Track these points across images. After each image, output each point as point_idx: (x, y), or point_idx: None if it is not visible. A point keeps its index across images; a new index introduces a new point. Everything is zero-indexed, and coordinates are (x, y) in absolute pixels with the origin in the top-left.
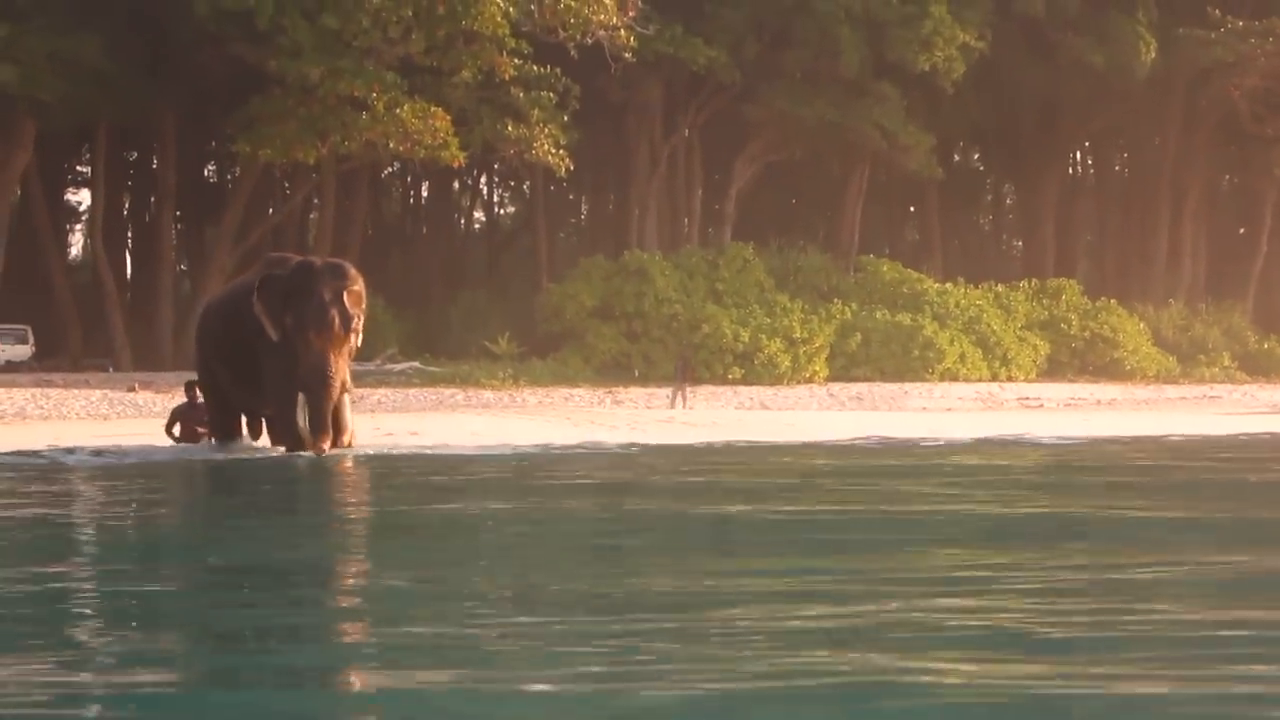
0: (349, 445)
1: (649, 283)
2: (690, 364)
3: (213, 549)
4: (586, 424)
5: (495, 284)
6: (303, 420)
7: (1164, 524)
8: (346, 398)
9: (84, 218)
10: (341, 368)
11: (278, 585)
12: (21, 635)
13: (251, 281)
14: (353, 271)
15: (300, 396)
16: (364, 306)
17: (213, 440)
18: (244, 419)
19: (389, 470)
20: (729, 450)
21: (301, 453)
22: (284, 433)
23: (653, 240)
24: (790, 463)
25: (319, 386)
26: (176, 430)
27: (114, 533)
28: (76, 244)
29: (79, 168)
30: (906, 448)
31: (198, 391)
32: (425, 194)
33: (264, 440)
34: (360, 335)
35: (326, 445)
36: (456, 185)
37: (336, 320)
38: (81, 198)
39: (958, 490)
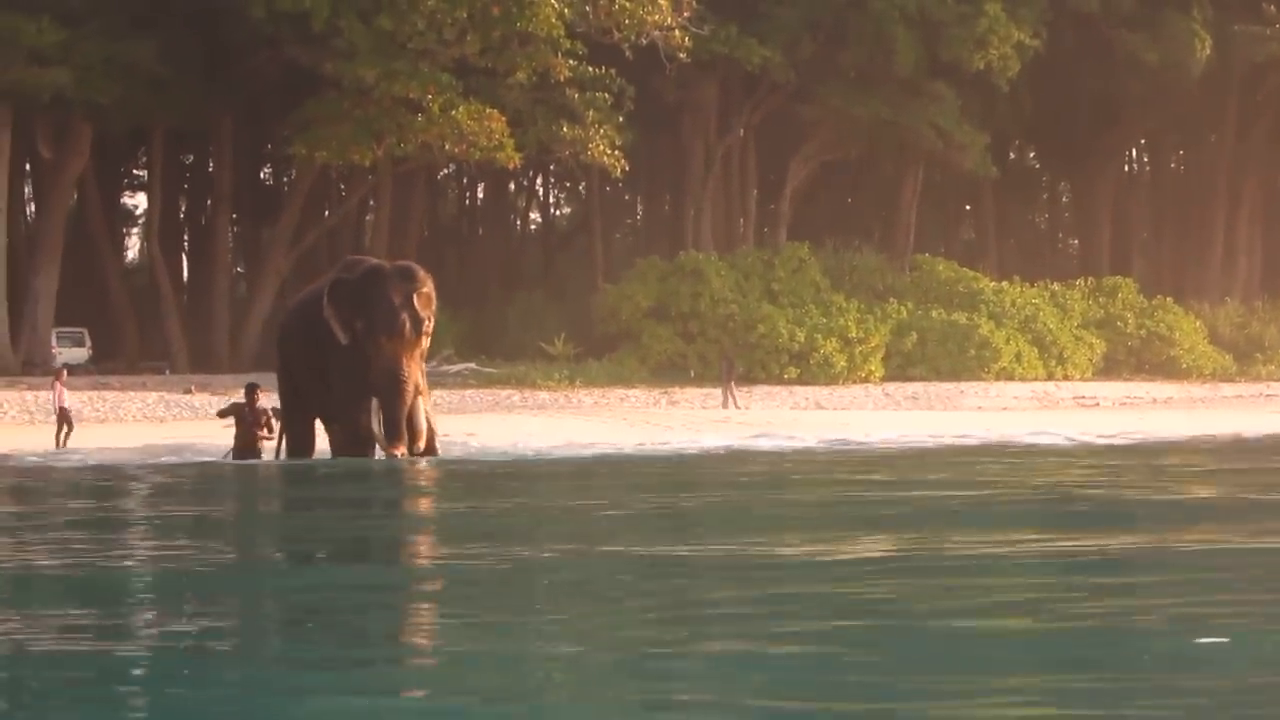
0: (429, 449)
1: (704, 283)
2: (734, 363)
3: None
4: (642, 424)
5: (551, 285)
6: (377, 425)
7: None
8: (421, 401)
9: (140, 221)
10: (414, 371)
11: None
12: None
13: (323, 287)
14: (422, 274)
15: (373, 401)
16: (434, 309)
17: (283, 445)
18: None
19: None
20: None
21: (364, 456)
22: (347, 437)
23: (708, 240)
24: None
25: (392, 391)
26: (229, 426)
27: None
28: (133, 247)
29: (135, 171)
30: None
31: (258, 395)
32: (481, 195)
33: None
34: (429, 338)
35: (402, 450)
36: (512, 186)
37: (407, 324)
38: (138, 201)
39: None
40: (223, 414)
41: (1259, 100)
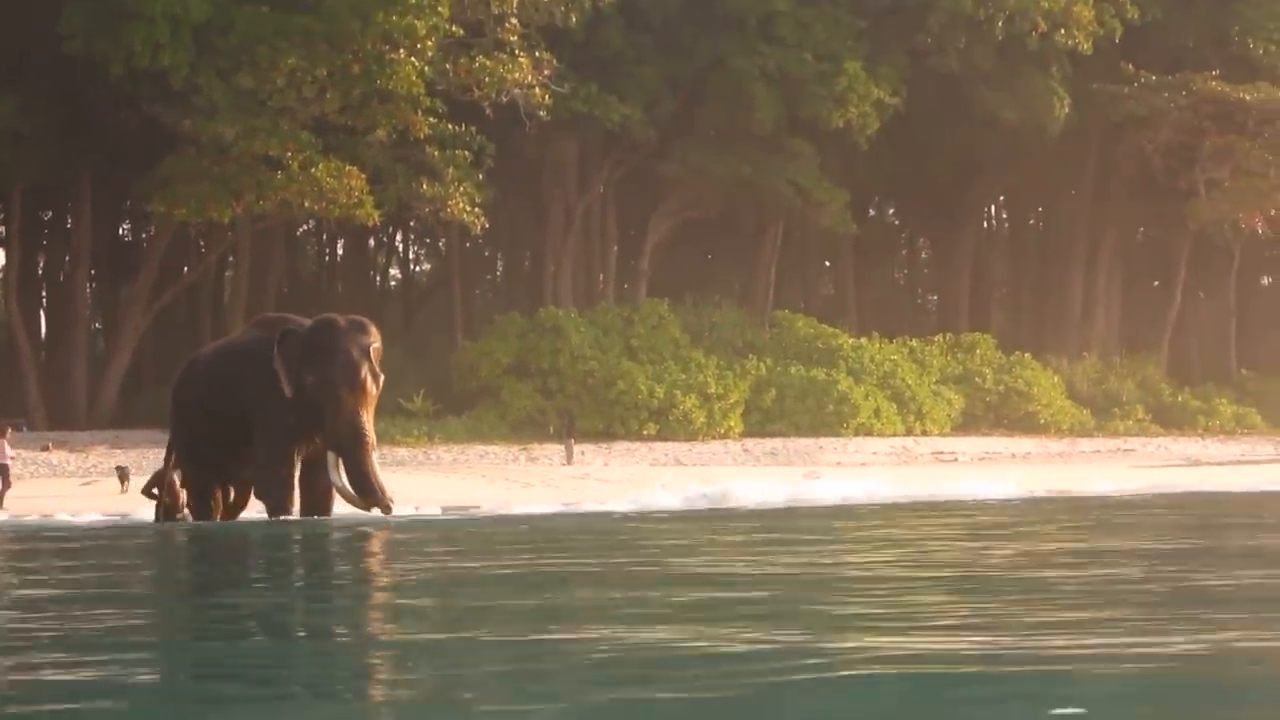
0: (390, 503)
1: (564, 339)
2: (574, 419)
3: None
4: (501, 481)
5: (411, 341)
6: (340, 480)
7: None
8: (374, 457)
9: None
10: (371, 424)
11: None
12: None
13: (243, 342)
14: (373, 328)
15: (332, 457)
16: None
17: (185, 503)
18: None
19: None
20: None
21: (287, 514)
22: (272, 491)
23: (568, 297)
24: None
25: (357, 446)
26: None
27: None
28: None
29: None
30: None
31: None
32: (340, 251)
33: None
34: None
35: (393, 501)
36: (372, 242)
37: (368, 377)
38: None
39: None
40: (149, 489)
41: (1117, 158)
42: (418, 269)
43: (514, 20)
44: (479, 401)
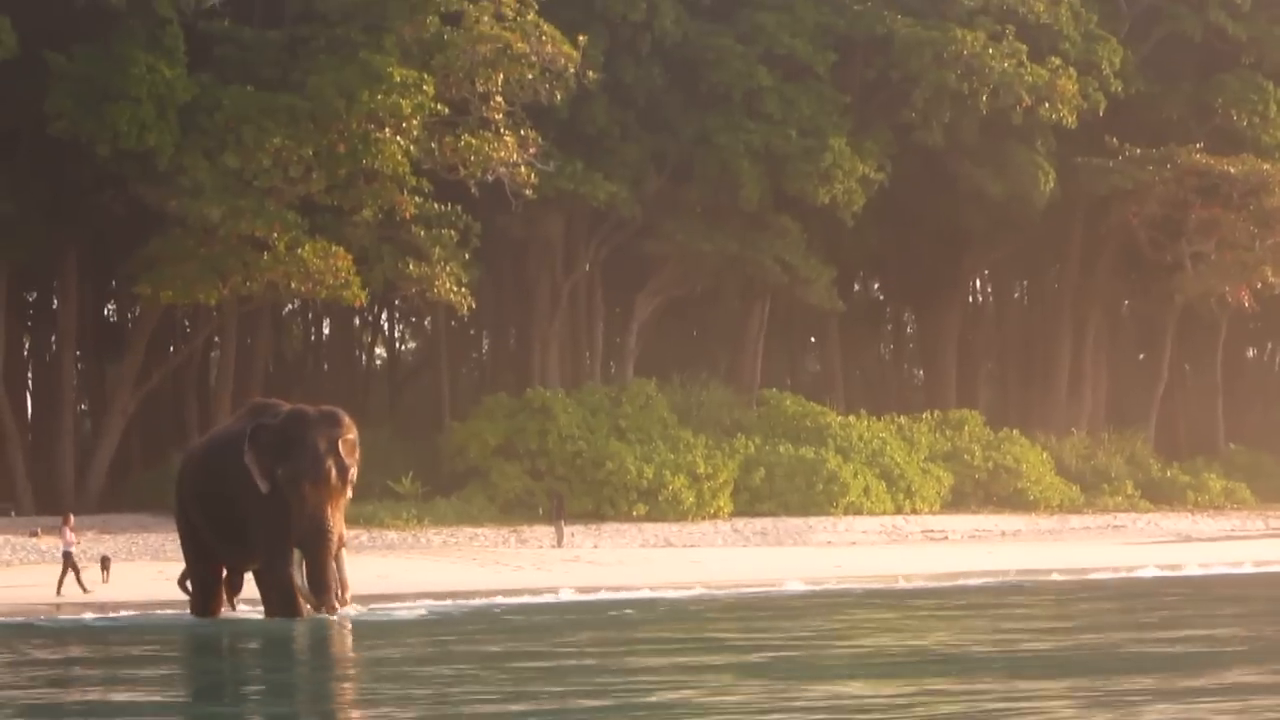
0: (347, 603)
1: (552, 420)
2: (564, 501)
3: None
4: (493, 564)
5: (398, 421)
6: (300, 579)
7: None
8: (344, 553)
9: None
10: (338, 521)
11: None
12: None
13: (233, 430)
14: (346, 420)
15: (297, 554)
16: (358, 455)
17: (188, 591)
18: (224, 573)
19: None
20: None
21: (293, 611)
22: (272, 588)
23: (555, 376)
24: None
25: (317, 542)
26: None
27: None
28: None
29: None
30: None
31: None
32: (327, 331)
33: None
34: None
35: (333, 604)
36: (357, 322)
37: (333, 471)
38: None
39: None
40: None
41: (1102, 231)
42: (403, 348)
43: (499, 98)
44: (468, 483)
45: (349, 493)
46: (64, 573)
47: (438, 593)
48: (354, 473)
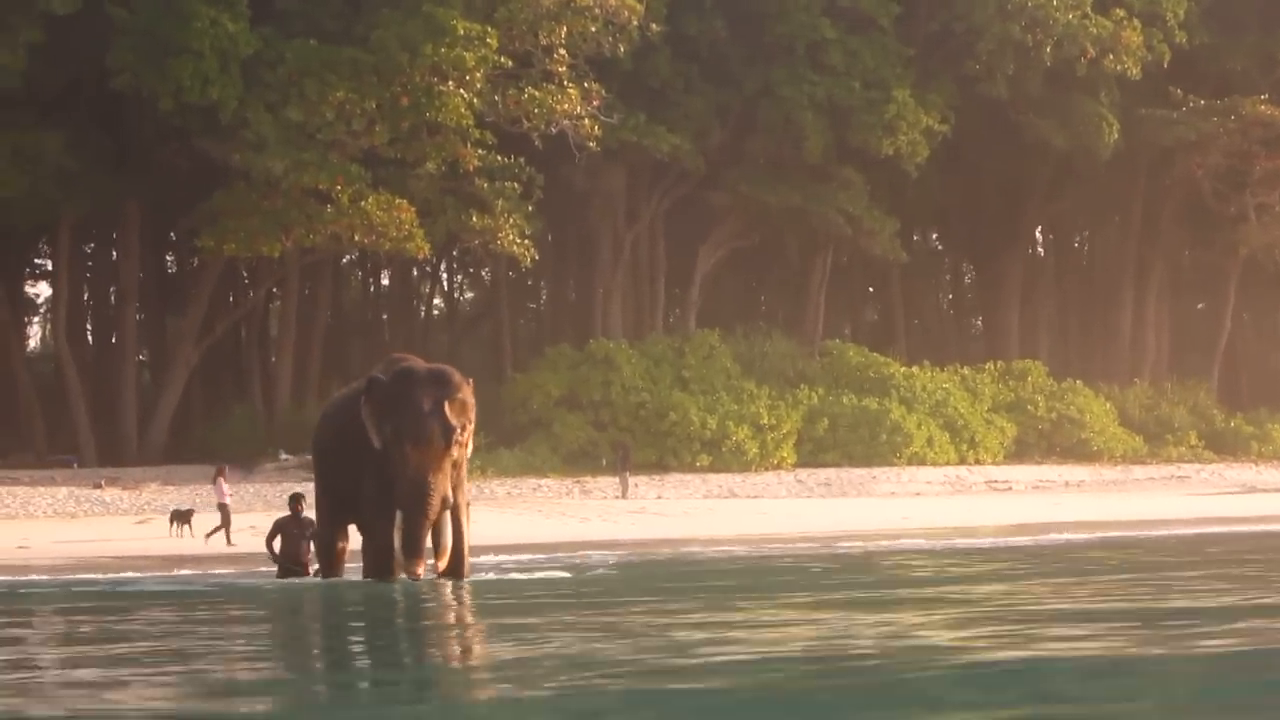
0: (455, 568)
1: (615, 371)
2: (630, 452)
3: None
4: (558, 516)
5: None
6: (397, 540)
7: None
8: (449, 516)
9: (42, 310)
10: (442, 483)
11: None
12: None
13: (357, 390)
14: (457, 378)
15: (398, 516)
16: (472, 416)
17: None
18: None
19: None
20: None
21: (388, 572)
22: (370, 548)
23: (617, 328)
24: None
25: (415, 504)
26: (277, 544)
27: None
28: (34, 336)
29: (36, 260)
30: None
31: (302, 504)
32: (385, 282)
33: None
34: (470, 448)
35: (421, 570)
36: (416, 273)
37: (437, 432)
38: (39, 290)
39: None
40: (270, 540)
41: (1166, 183)
42: (461, 298)
43: (562, 51)
44: (530, 434)
45: (463, 454)
46: (221, 526)
47: (528, 545)
48: (466, 434)
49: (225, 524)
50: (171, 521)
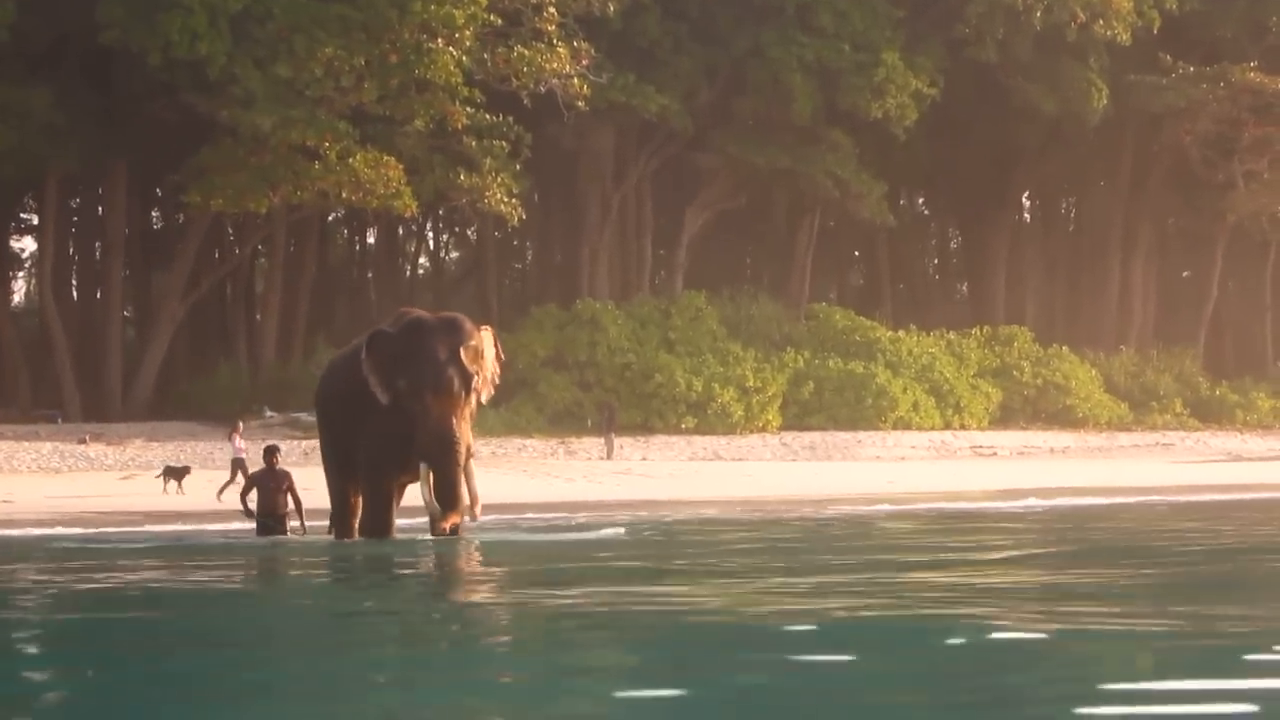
0: (477, 516)
1: (601, 332)
2: (615, 413)
3: None
4: (543, 476)
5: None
6: (428, 494)
7: None
8: (473, 464)
9: (27, 264)
10: (465, 431)
11: None
12: None
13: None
14: (469, 326)
15: (424, 469)
16: (487, 361)
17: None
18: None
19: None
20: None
21: (383, 524)
22: (371, 509)
23: (604, 289)
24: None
25: (444, 455)
26: (253, 500)
27: None
28: (18, 291)
29: (22, 215)
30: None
31: (277, 457)
32: (371, 240)
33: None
34: (487, 392)
35: (458, 519)
36: (401, 231)
37: (455, 380)
38: (24, 245)
39: None
40: (244, 495)
41: (1154, 149)
42: (446, 257)
43: (552, 9)
44: (516, 394)
45: (477, 401)
46: (233, 479)
47: (515, 505)
48: (480, 381)
49: (234, 479)
50: (164, 478)
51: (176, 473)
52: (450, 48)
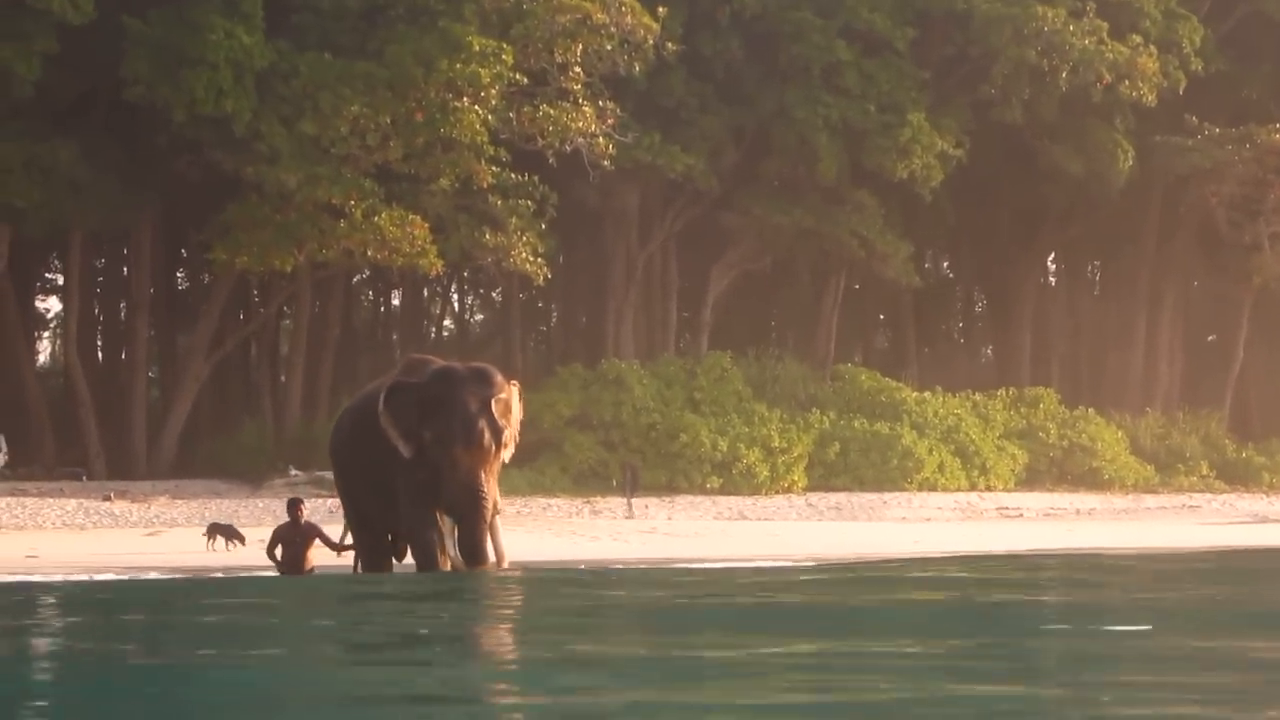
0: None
1: (627, 392)
2: (638, 472)
3: None
4: (568, 534)
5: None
6: (453, 549)
7: None
8: (499, 520)
9: (52, 324)
10: (493, 486)
11: None
12: None
13: (377, 390)
14: (499, 378)
15: (449, 523)
16: (514, 417)
17: (357, 564)
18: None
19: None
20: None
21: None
22: (417, 551)
23: (629, 349)
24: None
25: (471, 509)
26: (279, 553)
27: None
28: (44, 351)
29: (47, 275)
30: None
31: (301, 510)
32: (396, 301)
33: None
34: (512, 448)
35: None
36: (426, 292)
37: (486, 434)
38: (49, 304)
39: None
40: (271, 550)
41: (1180, 211)
42: (471, 319)
43: (578, 69)
44: (540, 453)
45: (506, 456)
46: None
47: (542, 563)
48: (509, 434)
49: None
50: (209, 535)
51: (224, 530)
52: (476, 106)
